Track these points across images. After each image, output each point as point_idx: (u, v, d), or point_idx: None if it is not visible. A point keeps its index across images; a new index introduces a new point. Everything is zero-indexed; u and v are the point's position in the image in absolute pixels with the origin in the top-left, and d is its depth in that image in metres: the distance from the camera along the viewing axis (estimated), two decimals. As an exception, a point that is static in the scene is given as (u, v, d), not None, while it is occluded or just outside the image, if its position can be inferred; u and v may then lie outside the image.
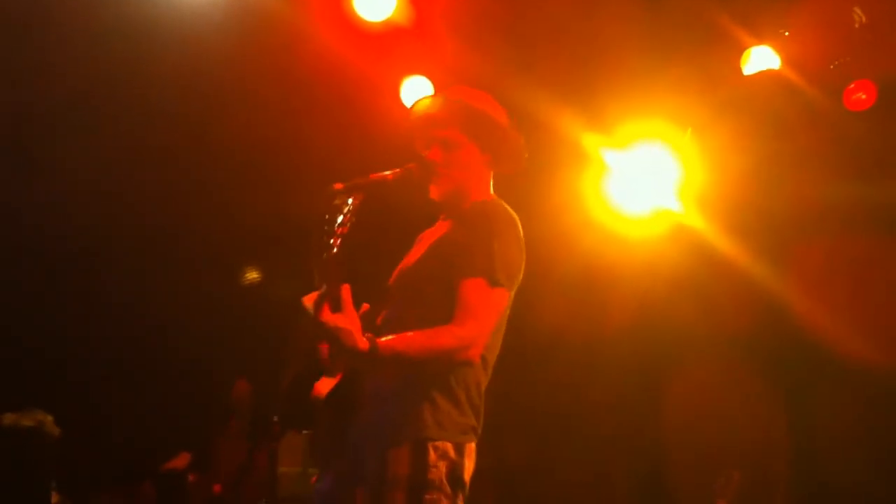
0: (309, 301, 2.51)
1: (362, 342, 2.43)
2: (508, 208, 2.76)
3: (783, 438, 6.00)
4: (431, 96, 2.97)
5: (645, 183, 5.92)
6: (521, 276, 2.72)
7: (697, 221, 5.99)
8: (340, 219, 2.49)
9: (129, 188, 6.35)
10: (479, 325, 2.56)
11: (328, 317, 2.42)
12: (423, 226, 2.96)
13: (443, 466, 2.55)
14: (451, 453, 2.57)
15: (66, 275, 6.96)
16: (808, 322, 5.81)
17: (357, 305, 2.52)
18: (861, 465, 5.61)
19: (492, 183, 2.91)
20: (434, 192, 2.81)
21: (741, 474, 5.01)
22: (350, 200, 2.53)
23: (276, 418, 5.58)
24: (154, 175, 6.29)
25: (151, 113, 5.83)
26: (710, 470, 5.23)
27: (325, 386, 2.61)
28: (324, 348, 2.68)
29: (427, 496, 2.51)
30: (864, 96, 5.31)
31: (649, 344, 6.44)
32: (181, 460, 6.58)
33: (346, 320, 2.42)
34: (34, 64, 5.37)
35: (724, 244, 5.93)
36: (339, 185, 2.61)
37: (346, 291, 2.45)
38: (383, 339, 2.48)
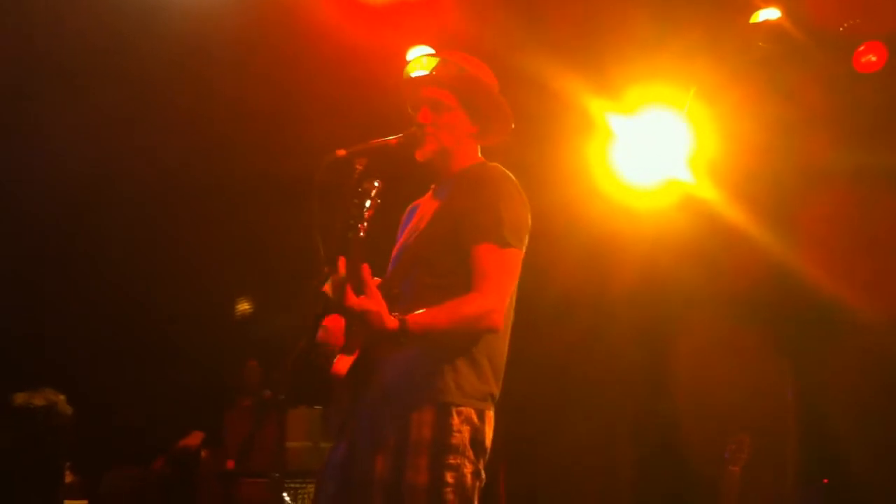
0: (328, 287, 2.53)
1: (391, 321, 2.45)
2: (503, 168, 2.75)
3: (791, 401, 6.00)
4: (425, 57, 2.94)
5: (653, 152, 5.85)
6: (528, 235, 2.71)
7: (708, 192, 5.93)
8: (368, 203, 2.49)
9: (132, 162, 6.33)
10: (498, 290, 2.57)
11: (354, 301, 2.43)
12: (421, 192, 2.95)
13: (466, 431, 2.55)
14: (475, 419, 2.58)
15: (78, 254, 6.97)
16: (816, 286, 5.78)
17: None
18: (869, 423, 5.61)
19: (479, 150, 2.88)
20: (419, 154, 2.79)
21: (751, 437, 5.00)
22: (377, 184, 2.53)
23: (282, 395, 5.61)
24: (155, 147, 6.26)
25: (150, 85, 5.80)
26: (719, 434, 5.22)
27: (343, 364, 2.61)
28: (335, 327, 2.67)
29: (451, 460, 2.51)
30: (874, 58, 5.25)
31: (656, 312, 6.43)
32: (194, 438, 6.61)
33: (372, 302, 2.43)
34: (26, 31, 5.32)
35: (733, 212, 5.88)
36: (342, 152, 2.61)
37: (366, 272, 2.46)
38: (410, 316, 2.48)
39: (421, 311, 2.50)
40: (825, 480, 5.71)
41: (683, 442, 6.10)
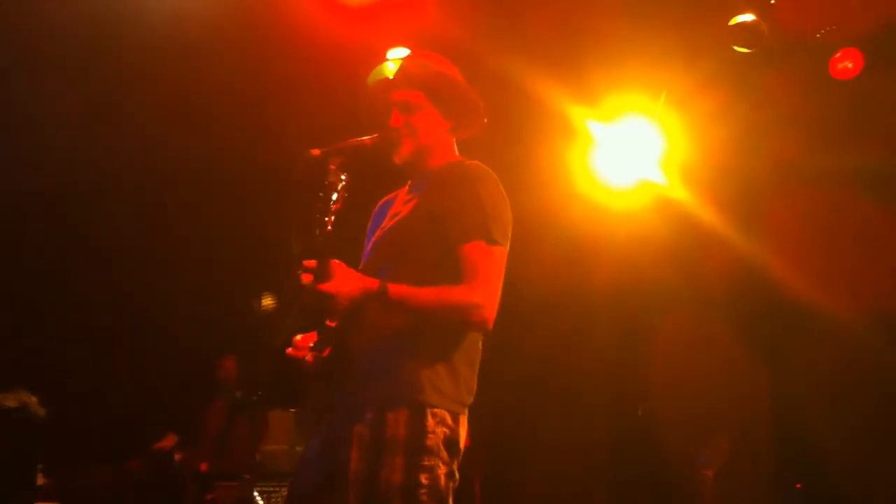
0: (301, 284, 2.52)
1: (371, 281, 2.47)
2: (484, 165, 2.74)
3: (767, 402, 6.05)
4: (388, 63, 2.95)
5: (629, 155, 5.92)
6: (511, 231, 2.71)
7: (680, 193, 6.01)
8: (335, 196, 2.49)
9: (115, 155, 6.28)
10: (489, 287, 2.58)
11: (329, 286, 2.43)
12: (390, 189, 2.94)
13: (441, 433, 2.54)
14: (449, 420, 2.57)
15: (54, 253, 6.90)
16: (788, 286, 5.85)
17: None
18: (845, 425, 5.67)
19: (456, 146, 2.88)
20: (397, 157, 2.78)
21: (729, 440, 5.04)
22: (343, 177, 2.53)
23: (255, 396, 5.60)
24: (138, 141, 6.23)
25: (132, 79, 5.76)
26: (696, 434, 5.26)
27: (317, 360, 2.60)
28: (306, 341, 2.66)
29: (425, 461, 2.51)
30: (850, 65, 5.30)
31: (634, 312, 6.48)
32: (168, 441, 6.57)
33: (345, 276, 2.45)
34: (12, 22, 5.29)
35: (707, 214, 5.96)
36: (316, 151, 2.60)
37: (336, 265, 2.46)
38: (393, 284, 2.49)
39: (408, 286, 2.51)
40: (798, 485, 5.76)
41: (660, 442, 6.14)
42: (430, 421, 2.53)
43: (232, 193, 6.68)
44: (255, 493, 5.92)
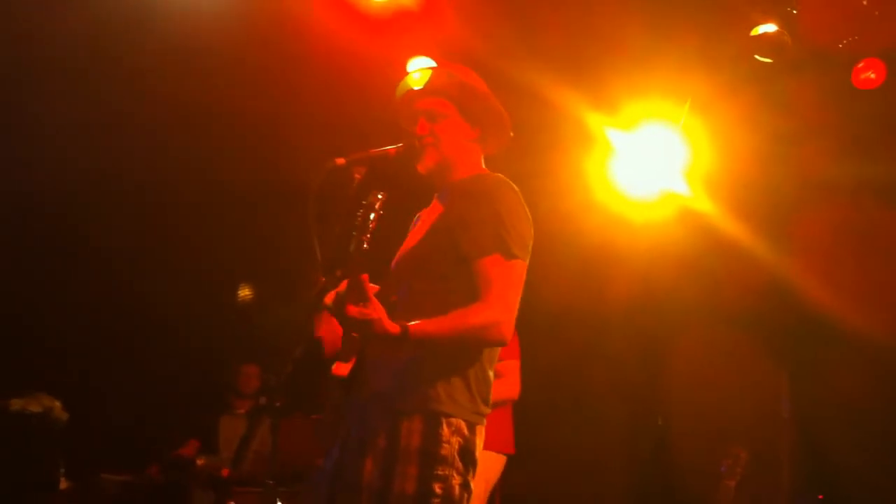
0: (329, 298, 2.54)
1: (393, 326, 2.47)
2: (506, 178, 2.74)
3: (788, 415, 6.00)
4: (416, 72, 2.96)
5: (650, 165, 5.88)
6: (531, 245, 2.71)
7: (704, 204, 5.96)
8: (372, 216, 2.50)
9: (128, 163, 6.31)
10: (505, 302, 2.57)
11: (354, 310, 2.44)
12: (424, 203, 2.94)
13: (455, 442, 2.54)
14: (465, 430, 2.57)
15: (72, 259, 6.95)
16: (812, 300, 5.79)
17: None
18: (866, 437, 5.61)
19: (483, 160, 2.88)
20: (421, 166, 2.78)
21: (748, 452, 5.00)
22: (380, 196, 2.54)
23: (277, 403, 5.59)
24: (151, 148, 6.26)
25: (148, 86, 5.79)
26: (715, 448, 5.22)
27: (341, 368, 2.62)
28: (331, 336, 2.68)
29: (439, 471, 2.50)
30: (873, 75, 5.26)
31: (653, 325, 6.44)
32: (190, 448, 6.60)
33: (372, 310, 2.45)
34: (22, 29, 5.32)
35: (730, 225, 5.91)
36: (340, 161, 2.61)
37: (365, 282, 2.47)
38: (413, 323, 2.49)
39: (426, 319, 2.51)
40: (820, 497, 5.71)
41: (679, 455, 6.11)
42: (445, 430, 2.53)
43: (251, 202, 6.72)
44: (278, 502, 5.93)
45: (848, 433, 5.67)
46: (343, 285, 2.50)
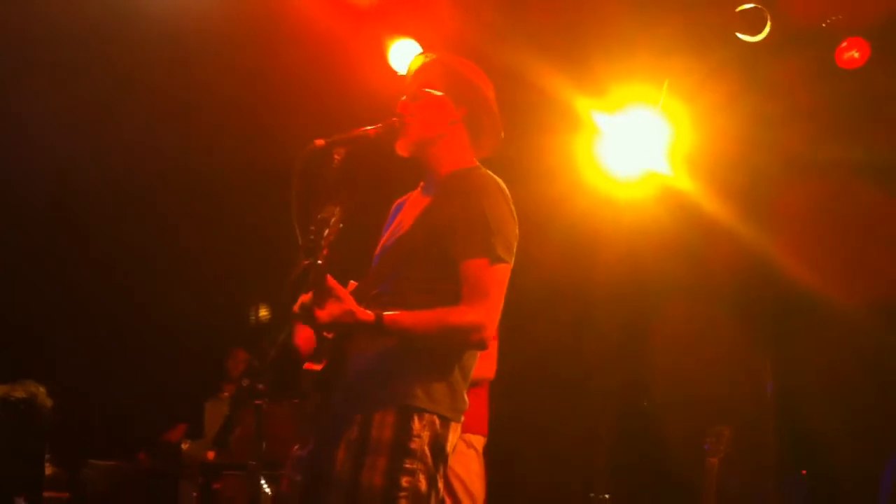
0: (297, 308, 2.54)
1: (365, 314, 2.46)
2: (495, 176, 2.70)
3: (771, 392, 6.05)
4: (422, 55, 2.91)
5: (635, 146, 5.91)
6: (516, 245, 2.68)
7: (685, 183, 6.00)
8: (326, 231, 2.44)
9: (115, 153, 6.30)
10: (489, 306, 2.55)
11: (322, 314, 2.44)
12: (404, 187, 2.92)
13: (426, 436, 2.53)
14: (437, 425, 2.56)
15: (59, 246, 6.93)
16: (792, 277, 5.84)
17: (343, 283, 2.54)
18: (848, 413, 5.68)
19: (471, 146, 2.81)
20: (399, 146, 2.74)
21: (731, 430, 5.04)
22: (337, 210, 2.48)
23: (261, 385, 5.59)
24: (137, 139, 6.24)
25: (133, 76, 5.76)
26: (699, 424, 5.26)
27: (314, 366, 2.62)
28: (307, 343, 2.68)
29: (407, 464, 2.50)
30: (856, 54, 5.27)
31: (638, 302, 6.47)
32: (178, 432, 6.60)
33: (340, 305, 2.45)
34: (8, 21, 5.28)
35: (712, 204, 5.95)
36: (320, 141, 2.59)
37: (331, 283, 2.46)
38: (388, 313, 2.48)
39: (404, 311, 2.50)
40: (804, 472, 5.78)
41: (663, 433, 6.16)
42: (417, 424, 2.52)
43: (234, 190, 6.70)
44: (262, 481, 5.95)
45: (830, 409, 5.74)
46: (307, 296, 2.48)
